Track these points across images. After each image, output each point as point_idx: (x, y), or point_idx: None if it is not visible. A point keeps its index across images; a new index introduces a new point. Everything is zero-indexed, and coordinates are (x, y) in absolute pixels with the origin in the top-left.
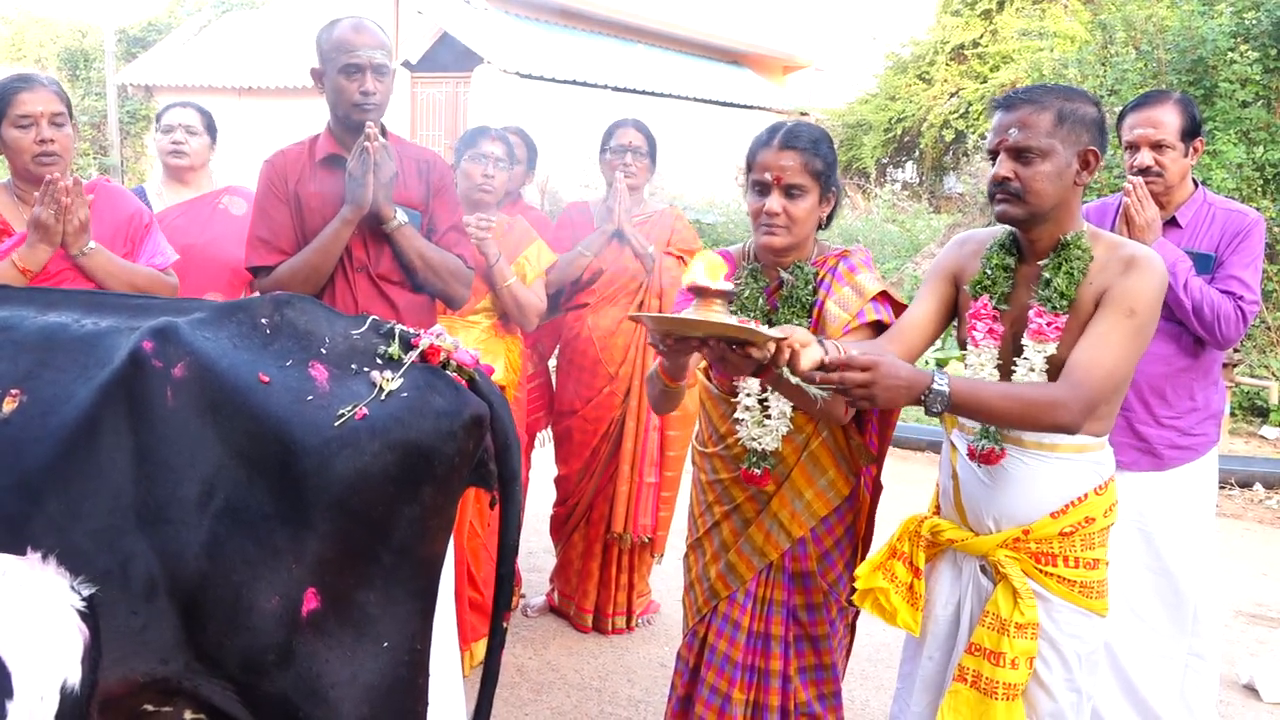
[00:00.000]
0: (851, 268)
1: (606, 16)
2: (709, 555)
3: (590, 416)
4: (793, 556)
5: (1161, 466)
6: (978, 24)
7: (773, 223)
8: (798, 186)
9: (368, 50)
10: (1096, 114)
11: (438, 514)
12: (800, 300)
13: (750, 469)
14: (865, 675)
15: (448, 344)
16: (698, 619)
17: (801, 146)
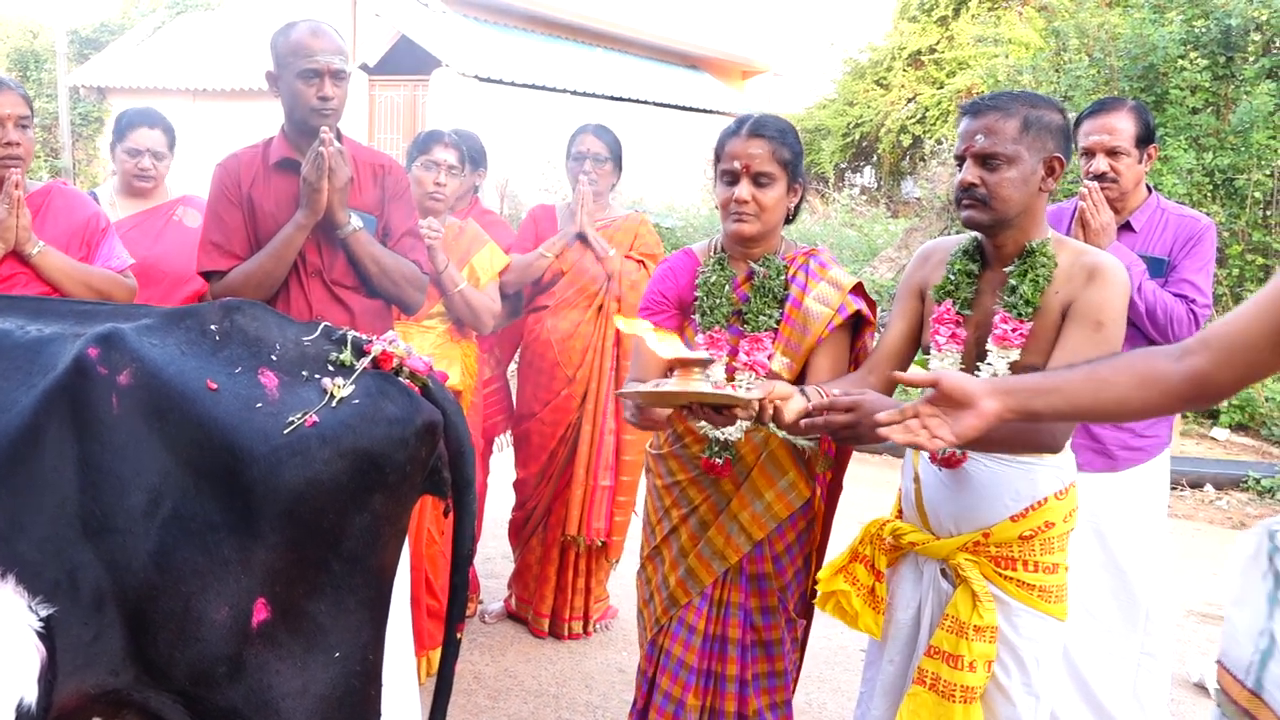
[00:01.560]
0: (823, 264)
1: (566, 20)
2: (668, 563)
3: (548, 419)
4: (750, 558)
5: (1115, 467)
6: (934, 30)
7: (742, 210)
8: (766, 174)
9: (326, 55)
10: (1061, 121)
11: (390, 522)
12: (772, 291)
13: (712, 458)
14: (824, 679)
15: (400, 350)
16: (656, 629)
17: (769, 135)
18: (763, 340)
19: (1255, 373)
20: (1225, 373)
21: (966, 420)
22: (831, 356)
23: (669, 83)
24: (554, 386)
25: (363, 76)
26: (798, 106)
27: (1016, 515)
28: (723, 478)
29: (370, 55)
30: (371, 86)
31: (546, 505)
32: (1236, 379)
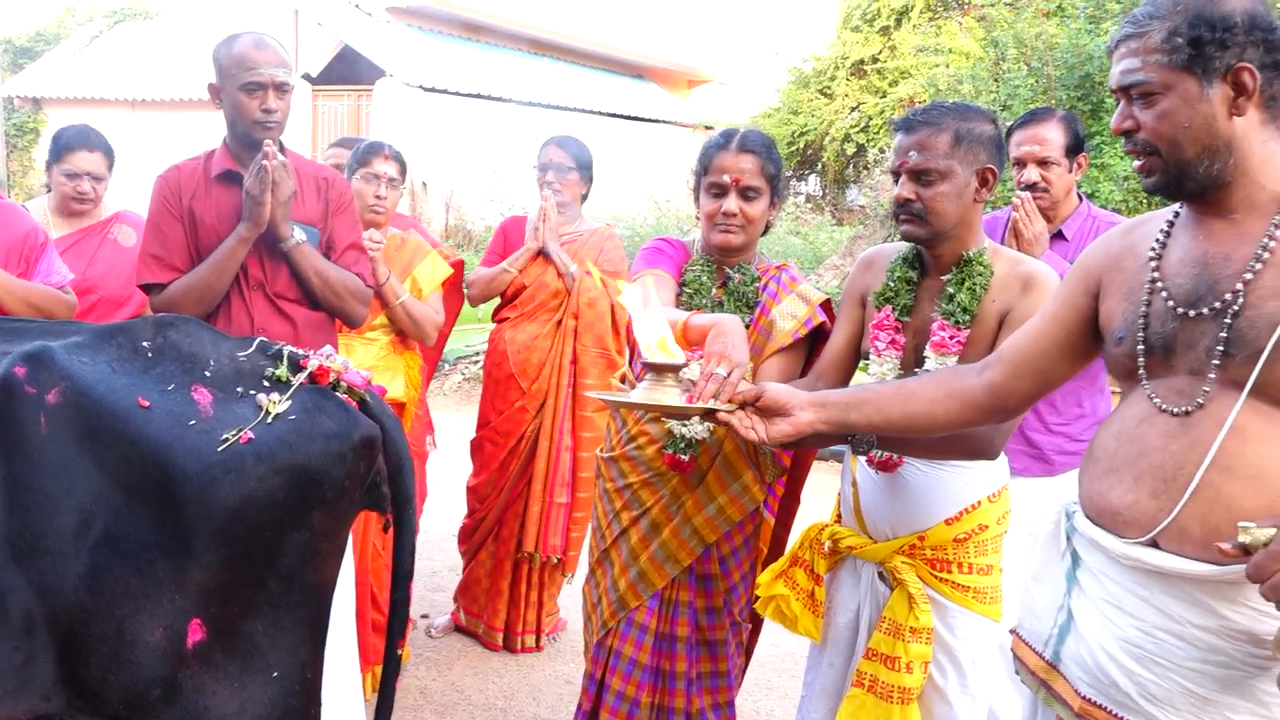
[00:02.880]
0: (793, 278)
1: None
2: (618, 567)
3: (501, 429)
4: (699, 559)
5: (1052, 472)
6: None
7: (730, 223)
8: (754, 189)
9: (269, 68)
10: (993, 132)
11: (328, 539)
12: (746, 298)
13: (677, 454)
14: (770, 686)
15: (337, 365)
16: (604, 632)
17: (757, 150)
18: None
19: (1048, 382)
20: (1021, 384)
21: (780, 426)
22: (784, 364)
23: (615, 92)
24: (509, 397)
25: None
26: (743, 115)
27: (951, 518)
28: (687, 474)
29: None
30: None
31: (497, 516)
32: (1032, 390)
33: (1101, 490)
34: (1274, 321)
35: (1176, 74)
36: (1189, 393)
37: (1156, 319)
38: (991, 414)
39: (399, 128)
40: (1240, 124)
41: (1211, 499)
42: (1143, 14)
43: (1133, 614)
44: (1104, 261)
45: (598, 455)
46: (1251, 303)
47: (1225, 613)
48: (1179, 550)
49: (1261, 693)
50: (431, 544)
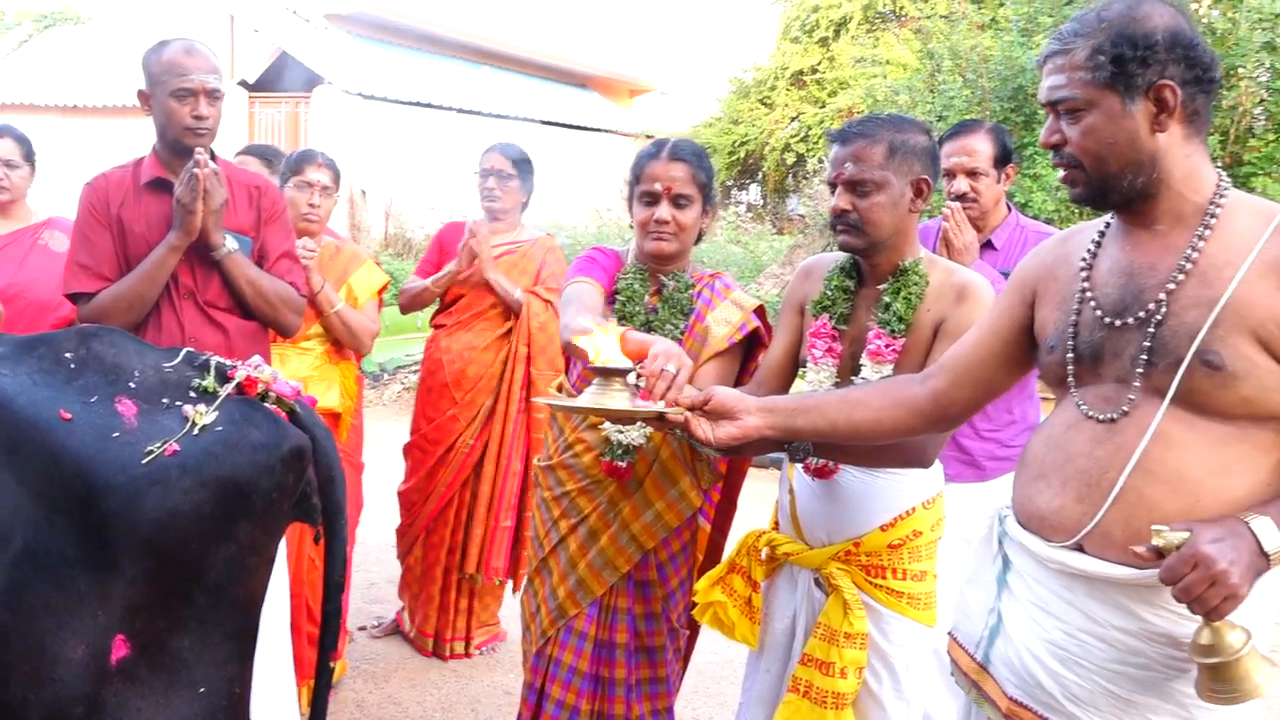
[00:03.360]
0: (728, 285)
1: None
2: (556, 575)
3: (431, 437)
4: (636, 565)
5: (983, 477)
6: (816, 51)
7: (662, 230)
8: (685, 196)
9: (200, 74)
10: (927, 143)
11: (256, 551)
12: (680, 305)
13: (614, 461)
14: (709, 693)
15: (266, 375)
16: (544, 641)
17: (688, 158)
18: None
19: (990, 390)
20: (963, 393)
21: (726, 429)
22: (719, 370)
23: (557, 101)
24: (441, 406)
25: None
26: (684, 125)
27: (885, 525)
28: (624, 481)
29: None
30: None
31: (426, 524)
32: (974, 398)
33: (1030, 495)
34: (1194, 331)
35: (1100, 90)
36: (1115, 400)
37: (1085, 328)
38: (935, 422)
39: (337, 135)
40: (1163, 139)
41: (1134, 503)
42: (1068, 31)
43: (1058, 616)
44: (1039, 271)
45: (535, 464)
46: (1174, 312)
47: (1145, 616)
48: (1102, 554)
49: (1181, 695)
50: (369, 555)
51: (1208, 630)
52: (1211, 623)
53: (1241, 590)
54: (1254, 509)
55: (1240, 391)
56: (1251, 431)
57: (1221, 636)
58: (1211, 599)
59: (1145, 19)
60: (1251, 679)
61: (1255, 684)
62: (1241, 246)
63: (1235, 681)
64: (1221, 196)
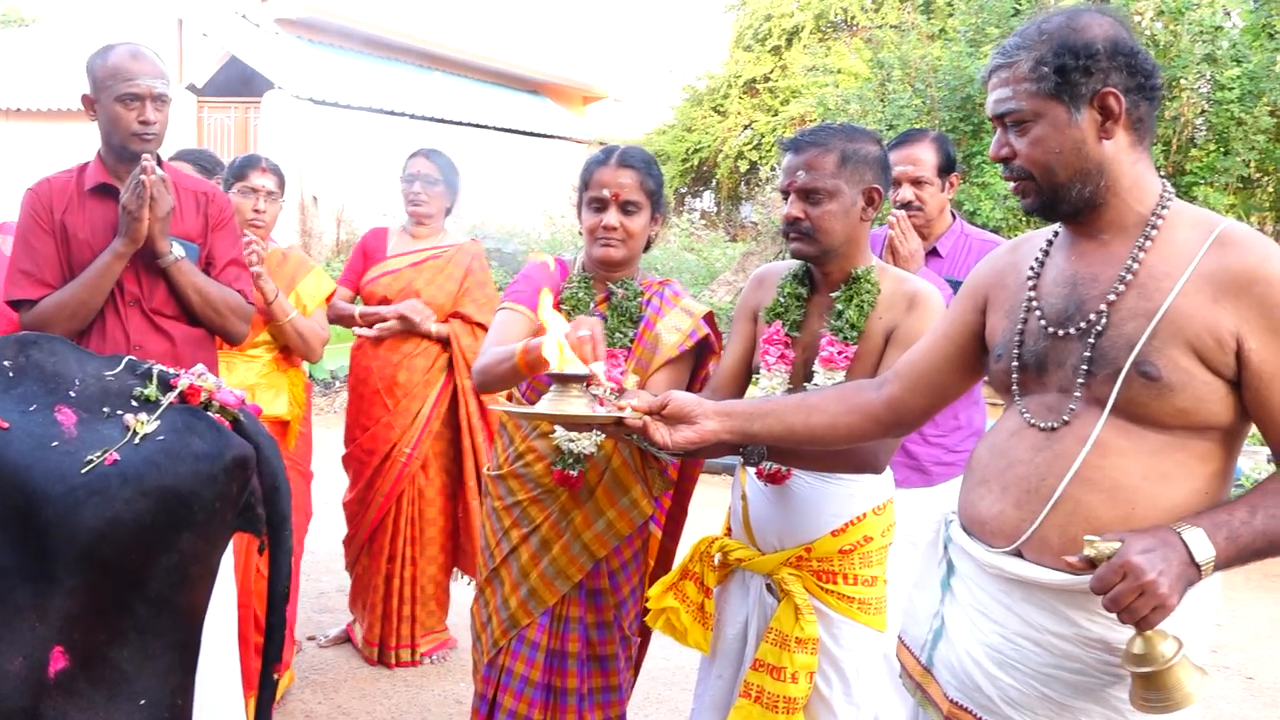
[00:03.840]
0: (676, 293)
1: (405, 44)
2: (508, 585)
3: (367, 446)
4: (588, 574)
5: (930, 482)
6: (768, 59)
7: (610, 237)
8: (634, 203)
9: (147, 79)
10: (879, 153)
11: (198, 562)
12: (629, 313)
13: (565, 470)
14: (661, 699)
15: (209, 384)
16: (495, 651)
17: (636, 165)
18: (617, 357)
19: (944, 396)
20: (918, 399)
21: (684, 433)
22: (671, 377)
23: (510, 107)
24: (374, 414)
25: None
26: (638, 132)
27: (837, 530)
28: (575, 490)
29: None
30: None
31: (369, 533)
32: (928, 404)
33: (973, 500)
34: (1132, 342)
35: (1045, 101)
36: (1056, 409)
37: (1031, 337)
38: (890, 428)
39: (288, 141)
40: (1110, 147)
41: (1071, 510)
42: (1011, 44)
43: (996, 620)
44: (990, 278)
45: (485, 473)
46: (1114, 323)
47: (1081, 621)
48: (1040, 560)
49: (1115, 700)
50: (320, 564)
51: (1140, 639)
52: (1143, 632)
53: (1170, 600)
54: (1187, 519)
55: (1176, 402)
56: (1189, 441)
57: (1153, 646)
58: (1140, 608)
59: (1085, 29)
60: (1184, 688)
61: (1187, 692)
62: (1181, 258)
63: (1168, 690)
64: (1164, 207)
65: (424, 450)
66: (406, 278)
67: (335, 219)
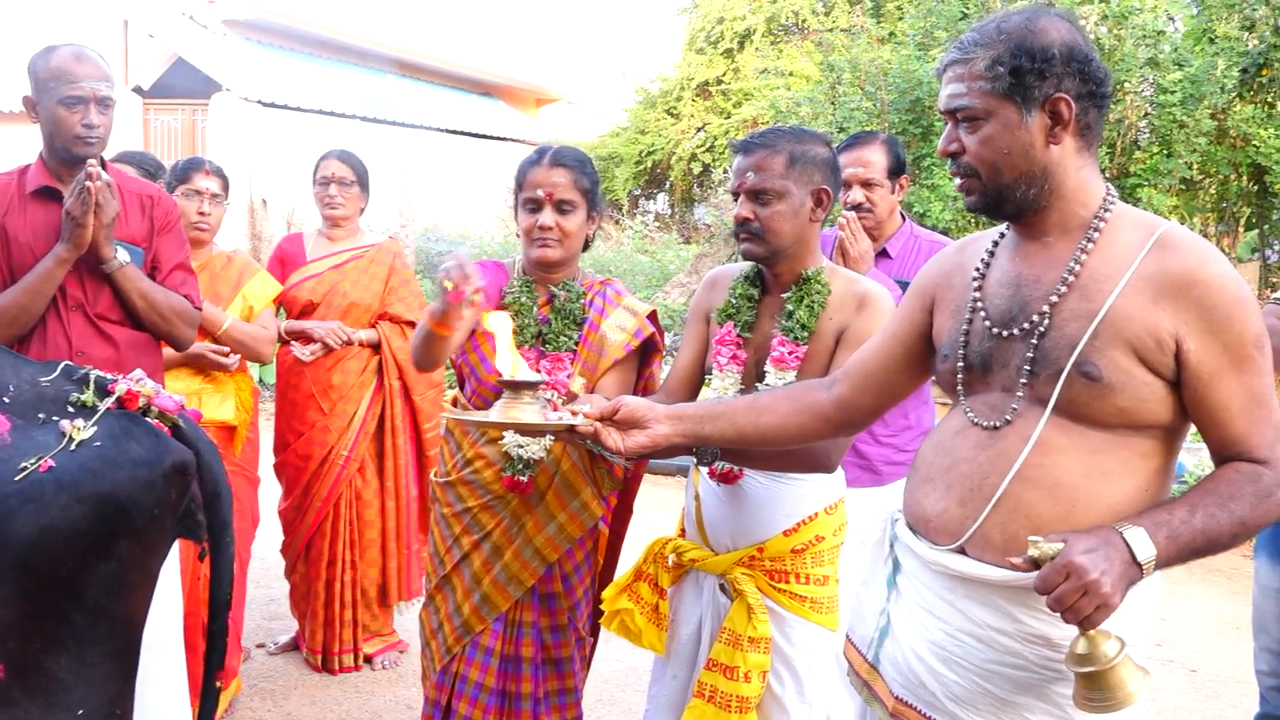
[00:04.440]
0: (619, 292)
1: (355, 45)
2: (460, 591)
3: (302, 452)
4: (541, 578)
5: (880, 482)
6: (721, 62)
7: (546, 237)
8: (568, 202)
9: (91, 81)
10: (827, 154)
11: (137, 569)
12: (572, 315)
13: (515, 476)
14: (614, 701)
15: (148, 389)
16: (449, 658)
17: (570, 164)
18: (563, 360)
19: (893, 396)
20: (867, 398)
21: (636, 438)
22: (619, 378)
23: (462, 110)
24: (308, 418)
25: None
26: (591, 134)
27: (789, 530)
28: (525, 495)
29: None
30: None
31: (307, 539)
32: (877, 404)
33: (918, 499)
34: (1073, 343)
35: (998, 101)
36: (1000, 408)
37: (976, 337)
38: (841, 427)
39: (237, 143)
40: (1057, 152)
41: (1012, 508)
42: (969, 40)
43: (940, 617)
44: (938, 279)
45: (432, 480)
46: (1056, 324)
47: (1022, 617)
48: (982, 557)
49: (1057, 695)
50: (269, 571)
51: (1083, 639)
52: (1086, 632)
53: (1113, 599)
54: (1129, 519)
55: (1117, 402)
56: (1130, 439)
57: (1096, 645)
58: (1084, 608)
59: (1042, 32)
60: (1125, 687)
61: (1129, 692)
62: (1122, 260)
63: (1110, 689)
64: (1107, 210)
65: (361, 452)
66: (330, 280)
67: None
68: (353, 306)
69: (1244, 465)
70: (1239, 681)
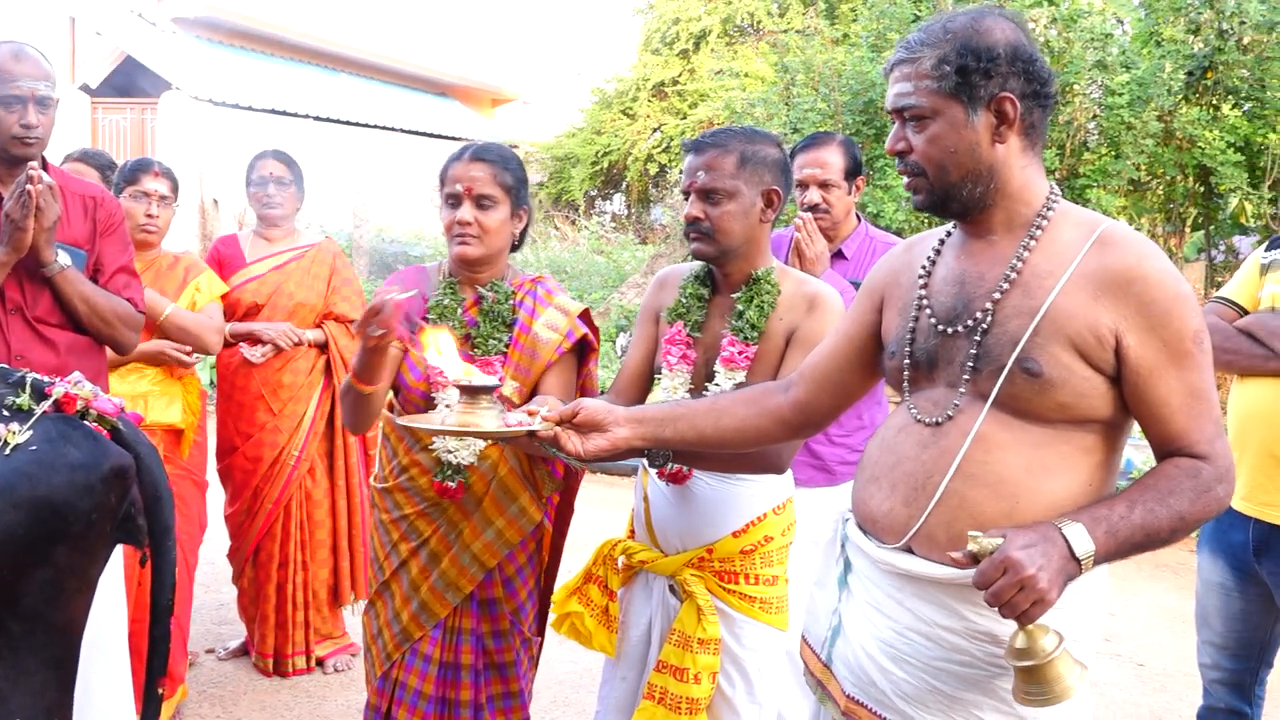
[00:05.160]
0: (550, 290)
1: (307, 44)
2: (399, 598)
3: (250, 454)
4: (480, 584)
5: (834, 481)
6: (676, 63)
7: (466, 232)
8: (489, 197)
9: (30, 81)
10: (778, 155)
11: (75, 575)
12: (501, 316)
13: (445, 482)
14: (567, 702)
15: (86, 392)
16: (389, 664)
17: (491, 159)
18: (493, 364)
19: (848, 396)
20: (822, 399)
21: (595, 441)
22: (561, 380)
23: (417, 109)
24: (256, 419)
25: (84, 98)
26: (547, 135)
27: (738, 530)
28: (456, 501)
29: (92, 76)
30: (94, 109)
31: (255, 542)
32: (834, 404)
33: (865, 498)
34: (1015, 339)
35: (945, 100)
36: (943, 404)
37: (922, 335)
38: (799, 430)
39: (187, 143)
40: (1002, 150)
41: (956, 506)
42: (915, 40)
43: (889, 615)
44: (886, 278)
45: (371, 485)
46: (998, 321)
47: (968, 615)
48: (928, 555)
49: (1004, 691)
50: (219, 576)
51: (1021, 634)
52: (1025, 627)
53: (1050, 595)
54: (1069, 514)
55: (1057, 397)
56: (1071, 434)
57: (1034, 640)
58: (1020, 603)
59: (988, 32)
60: (1064, 681)
61: (1067, 685)
62: (1064, 257)
63: (1048, 683)
64: (1050, 209)
65: (311, 452)
66: (274, 281)
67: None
68: (299, 307)
69: (1184, 460)
70: (1185, 675)
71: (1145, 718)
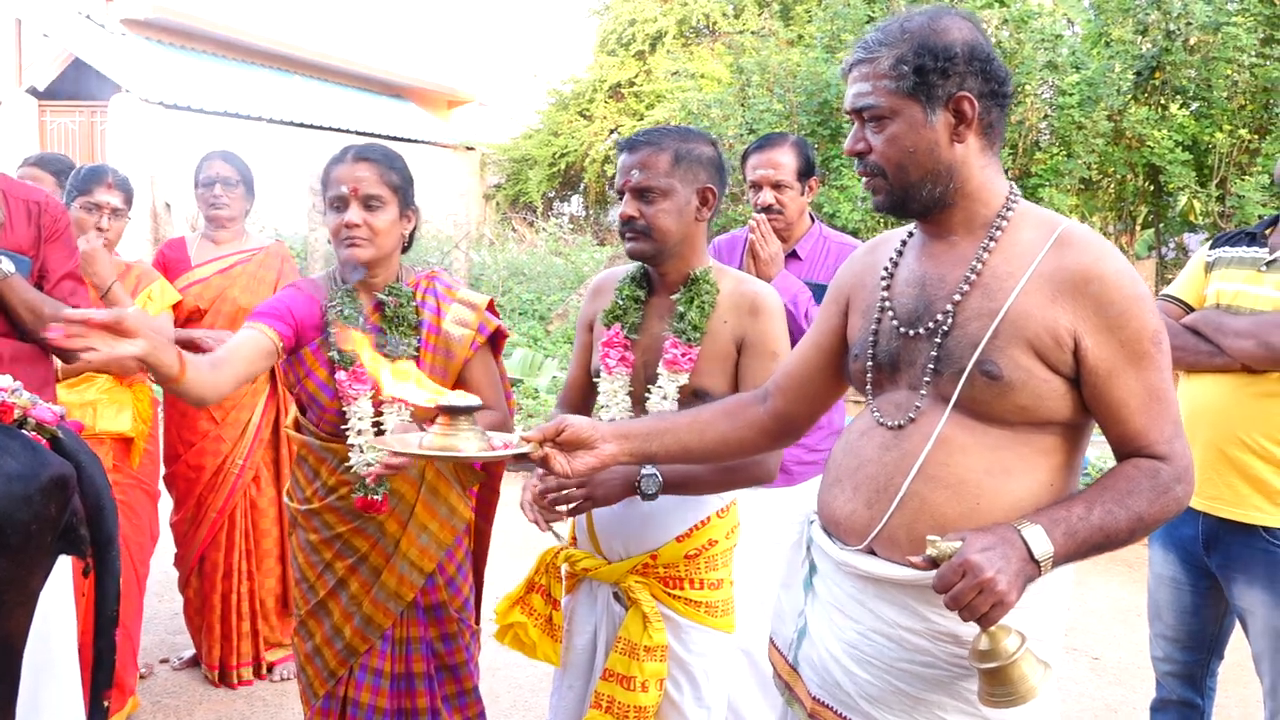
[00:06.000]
0: (449, 285)
1: (260, 46)
2: (338, 615)
3: (193, 463)
4: (423, 590)
5: (792, 482)
6: (633, 64)
7: (354, 234)
8: (376, 198)
9: None
10: (713, 153)
11: (15, 588)
12: (405, 319)
13: (369, 496)
14: (529, 706)
15: (23, 400)
16: (334, 681)
17: (376, 159)
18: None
19: (824, 401)
20: (799, 406)
21: (583, 459)
22: (487, 374)
23: (372, 111)
24: (199, 428)
25: (31, 101)
26: (504, 136)
27: (682, 535)
28: (382, 514)
29: (39, 78)
30: (42, 112)
31: (200, 552)
32: (810, 410)
33: (828, 501)
34: (975, 341)
35: (903, 100)
36: (905, 407)
37: (884, 337)
38: (779, 438)
39: (137, 146)
40: (961, 150)
41: (917, 508)
42: (873, 40)
43: (853, 617)
44: (851, 280)
45: (291, 507)
46: (959, 323)
47: (930, 616)
48: (890, 557)
49: (967, 692)
50: (172, 585)
51: (984, 636)
52: (986, 629)
53: (1009, 597)
54: (1029, 516)
55: (1017, 400)
56: (1031, 435)
57: (997, 641)
58: (980, 606)
59: (945, 32)
60: (1027, 681)
61: (1031, 686)
62: (1023, 259)
63: (1012, 684)
64: (1009, 209)
65: (256, 460)
66: (218, 285)
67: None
68: (241, 312)
69: (1143, 461)
70: (1140, 668)
71: (1100, 710)
